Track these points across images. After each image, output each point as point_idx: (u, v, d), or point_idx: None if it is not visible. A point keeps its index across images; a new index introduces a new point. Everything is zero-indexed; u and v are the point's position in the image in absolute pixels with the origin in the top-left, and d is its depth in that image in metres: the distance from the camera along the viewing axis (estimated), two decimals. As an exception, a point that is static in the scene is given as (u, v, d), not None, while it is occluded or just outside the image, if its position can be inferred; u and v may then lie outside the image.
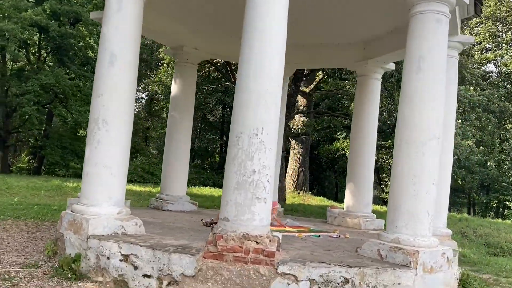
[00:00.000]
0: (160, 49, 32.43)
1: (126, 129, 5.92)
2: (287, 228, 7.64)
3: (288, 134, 17.93)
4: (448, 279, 5.69)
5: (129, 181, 23.29)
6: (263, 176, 4.96)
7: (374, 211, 9.83)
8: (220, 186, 23.26)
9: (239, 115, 5.06)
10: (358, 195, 9.30)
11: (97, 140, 5.73)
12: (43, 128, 25.12)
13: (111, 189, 5.74)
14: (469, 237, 12.98)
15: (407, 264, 5.25)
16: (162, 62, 31.78)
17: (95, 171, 5.72)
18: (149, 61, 33.31)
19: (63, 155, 24.23)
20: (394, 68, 9.78)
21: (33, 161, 26.58)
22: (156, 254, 4.96)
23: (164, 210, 9.13)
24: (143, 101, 37.14)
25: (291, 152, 21.83)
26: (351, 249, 6.16)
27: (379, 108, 9.63)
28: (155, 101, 34.41)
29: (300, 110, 19.61)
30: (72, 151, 24.85)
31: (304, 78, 20.26)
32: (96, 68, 5.96)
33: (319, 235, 7.27)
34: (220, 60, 22.48)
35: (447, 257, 5.64)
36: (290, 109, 15.28)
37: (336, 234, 7.55)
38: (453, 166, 21.16)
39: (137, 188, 19.49)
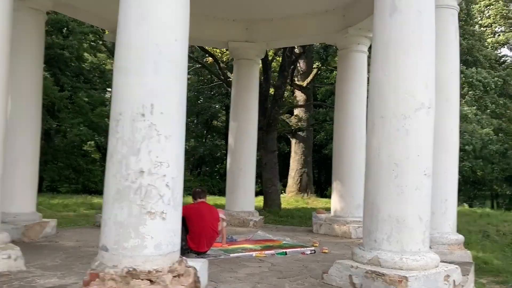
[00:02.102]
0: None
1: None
2: (241, 246, 5.89)
3: (280, 131, 16.20)
4: (458, 312, 3.90)
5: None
6: (157, 179, 3.25)
7: (369, 214, 7.99)
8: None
9: (118, 88, 3.37)
10: (346, 195, 7.50)
11: None
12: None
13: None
14: (491, 237, 11.02)
15: (390, 298, 3.47)
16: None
17: None
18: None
19: (59, 172, 22.63)
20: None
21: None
22: (3, 305, 3.29)
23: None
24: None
25: (292, 152, 20.05)
26: (320, 272, 4.40)
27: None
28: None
29: (294, 104, 17.84)
30: (69, 166, 23.34)
31: (297, 69, 18.55)
32: None
33: (286, 252, 5.51)
34: (208, 60, 20.96)
35: (454, 281, 3.84)
36: (279, 102, 13.55)
37: (311, 249, 5.79)
38: (469, 157, 19.07)
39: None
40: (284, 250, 5.60)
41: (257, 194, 20.85)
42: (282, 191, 22.39)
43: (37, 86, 6.38)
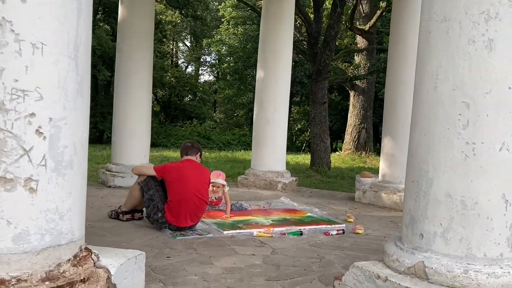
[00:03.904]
0: (219, 6, 29.81)
1: None
2: (245, 218, 4.43)
3: (332, 79, 14.30)
4: None
5: (185, 147, 21.19)
6: (17, 121, 1.83)
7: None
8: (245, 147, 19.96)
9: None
10: (399, 155, 5.78)
11: None
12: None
13: None
14: None
15: None
16: (222, 19, 29.27)
17: None
18: (204, 18, 30.98)
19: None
20: None
21: (94, 130, 25.30)
22: None
23: (110, 186, 6.34)
24: (208, 63, 35.21)
25: (350, 105, 18.13)
26: (338, 271, 2.89)
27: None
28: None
29: (349, 49, 15.73)
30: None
31: (359, 12, 16.33)
32: None
33: (301, 232, 4.00)
34: (260, 3, 19.18)
35: None
36: (330, 45, 11.62)
37: (340, 227, 4.24)
38: None
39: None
40: (300, 228, 4.09)
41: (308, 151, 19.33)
42: (338, 149, 20.68)
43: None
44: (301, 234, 3.95)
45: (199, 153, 4.15)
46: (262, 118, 6.88)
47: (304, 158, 15.64)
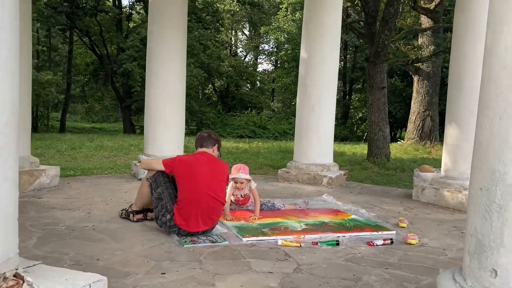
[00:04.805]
0: (277, -8, 29.18)
1: None
2: (274, 221, 3.72)
3: (392, 62, 13.14)
4: None
5: (240, 136, 20.78)
6: None
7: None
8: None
9: None
10: (466, 147, 4.84)
11: None
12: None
13: None
14: None
15: None
16: (280, 6, 28.64)
17: None
18: (261, 5, 30.51)
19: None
20: None
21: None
22: None
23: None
24: (266, 52, 34.78)
25: (414, 91, 16.81)
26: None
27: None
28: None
29: (411, 28, 14.42)
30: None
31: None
32: None
33: (337, 242, 3.26)
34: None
35: None
36: (389, 24, 10.53)
37: (388, 235, 3.45)
38: None
39: (240, 144, 15.91)
40: (337, 236, 3.37)
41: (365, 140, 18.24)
42: (400, 139, 19.41)
43: None
44: (338, 244, 3.21)
45: (216, 145, 3.53)
46: (306, 105, 6.13)
47: (363, 148, 14.65)
